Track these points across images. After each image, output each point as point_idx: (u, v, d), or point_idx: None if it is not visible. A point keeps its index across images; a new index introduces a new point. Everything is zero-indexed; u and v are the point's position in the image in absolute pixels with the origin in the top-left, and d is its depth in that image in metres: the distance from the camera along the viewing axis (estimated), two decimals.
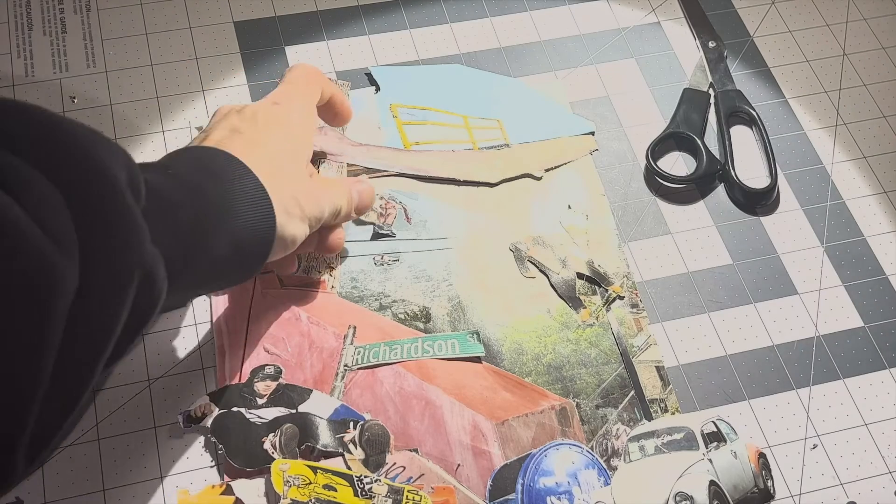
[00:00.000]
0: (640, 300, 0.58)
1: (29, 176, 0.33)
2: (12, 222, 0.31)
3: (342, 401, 0.54)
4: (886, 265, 0.61)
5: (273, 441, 0.52)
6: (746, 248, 0.61)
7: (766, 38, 0.71)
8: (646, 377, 0.56)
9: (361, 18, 0.69)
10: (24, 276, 0.31)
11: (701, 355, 0.57)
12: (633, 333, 0.57)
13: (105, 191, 0.35)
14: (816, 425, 0.55)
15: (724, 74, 0.68)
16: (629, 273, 0.59)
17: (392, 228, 0.60)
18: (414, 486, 0.51)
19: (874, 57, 0.71)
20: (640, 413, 0.55)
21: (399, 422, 0.53)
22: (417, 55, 0.68)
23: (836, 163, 0.66)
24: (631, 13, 0.72)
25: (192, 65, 0.66)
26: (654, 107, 0.67)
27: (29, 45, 0.66)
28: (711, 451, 0.53)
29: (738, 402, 0.56)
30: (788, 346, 0.58)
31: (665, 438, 0.53)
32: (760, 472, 0.53)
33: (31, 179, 0.33)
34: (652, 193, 0.63)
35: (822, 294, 0.60)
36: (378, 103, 0.65)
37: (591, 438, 0.54)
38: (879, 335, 0.59)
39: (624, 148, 0.65)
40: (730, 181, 0.64)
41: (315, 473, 0.50)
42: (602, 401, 0.55)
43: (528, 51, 0.69)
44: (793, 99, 0.68)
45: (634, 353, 0.57)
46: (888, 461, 0.54)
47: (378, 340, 0.56)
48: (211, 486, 0.50)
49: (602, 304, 0.58)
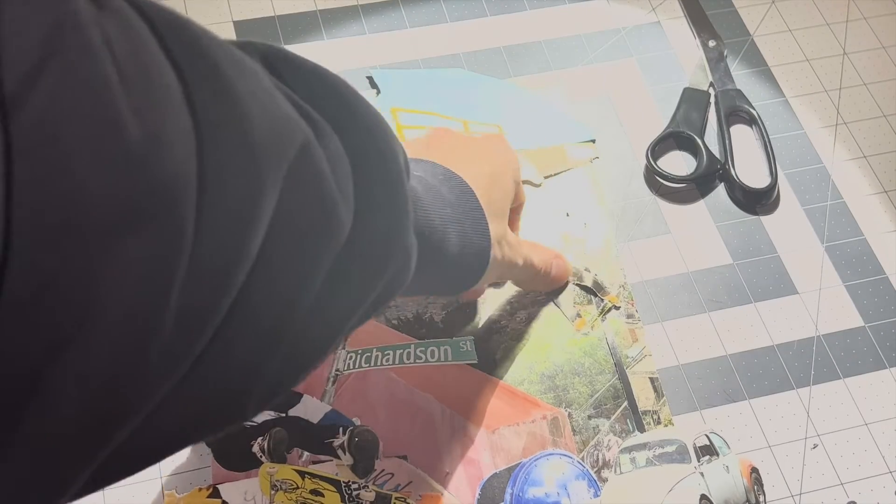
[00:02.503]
0: (636, 310, 0.58)
1: (325, 128, 0.32)
2: (315, 163, 0.30)
3: (333, 405, 0.53)
4: (886, 265, 0.61)
5: (261, 444, 0.51)
6: (746, 248, 0.61)
7: (766, 38, 0.71)
8: (639, 388, 0.56)
9: (361, 18, 0.69)
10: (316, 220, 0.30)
11: (701, 355, 0.57)
12: (628, 344, 0.57)
13: (389, 166, 0.35)
14: (816, 425, 0.55)
15: (724, 74, 0.68)
16: (625, 283, 0.59)
17: None
18: (402, 493, 0.51)
19: (874, 56, 0.71)
20: (633, 424, 0.54)
21: (389, 428, 0.53)
22: (417, 55, 0.68)
23: (836, 162, 0.65)
24: (631, 13, 0.72)
25: None
26: (654, 106, 0.67)
27: None
28: (703, 464, 0.53)
29: (738, 402, 0.56)
30: (788, 346, 0.58)
31: (657, 451, 0.53)
32: (752, 487, 0.52)
33: (327, 132, 0.32)
34: (652, 193, 0.63)
35: (823, 294, 0.60)
36: (378, 107, 0.65)
37: (582, 449, 0.53)
38: (879, 335, 0.59)
39: (624, 148, 0.65)
40: (730, 181, 0.64)
41: (303, 478, 0.50)
42: (594, 411, 0.55)
43: (528, 51, 0.69)
44: (793, 98, 0.68)
45: (628, 364, 0.56)
46: (888, 461, 0.54)
47: (371, 345, 0.55)
48: (198, 488, 0.50)
49: (598, 314, 0.58)
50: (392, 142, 0.36)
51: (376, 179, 0.34)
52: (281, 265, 0.29)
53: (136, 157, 0.22)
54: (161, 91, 0.24)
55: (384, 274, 0.35)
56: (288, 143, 0.29)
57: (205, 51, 0.27)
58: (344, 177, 0.32)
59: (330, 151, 0.31)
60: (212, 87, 0.26)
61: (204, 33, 0.27)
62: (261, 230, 0.27)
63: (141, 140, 0.22)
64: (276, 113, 0.29)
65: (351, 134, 0.33)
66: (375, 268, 0.35)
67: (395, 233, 0.36)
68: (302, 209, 0.29)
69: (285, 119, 0.29)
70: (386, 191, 0.35)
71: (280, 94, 0.30)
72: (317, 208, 0.30)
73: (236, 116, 0.26)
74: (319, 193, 0.30)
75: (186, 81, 0.25)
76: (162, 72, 0.24)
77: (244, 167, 0.26)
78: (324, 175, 0.30)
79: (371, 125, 0.35)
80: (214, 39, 0.28)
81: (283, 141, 0.28)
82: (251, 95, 0.27)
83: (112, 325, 0.23)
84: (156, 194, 0.23)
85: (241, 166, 0.26)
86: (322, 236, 0.31)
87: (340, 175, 0.32)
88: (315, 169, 0.30)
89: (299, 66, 0.34)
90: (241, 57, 0.29)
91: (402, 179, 0.36)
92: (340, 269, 0.32)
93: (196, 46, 0.26)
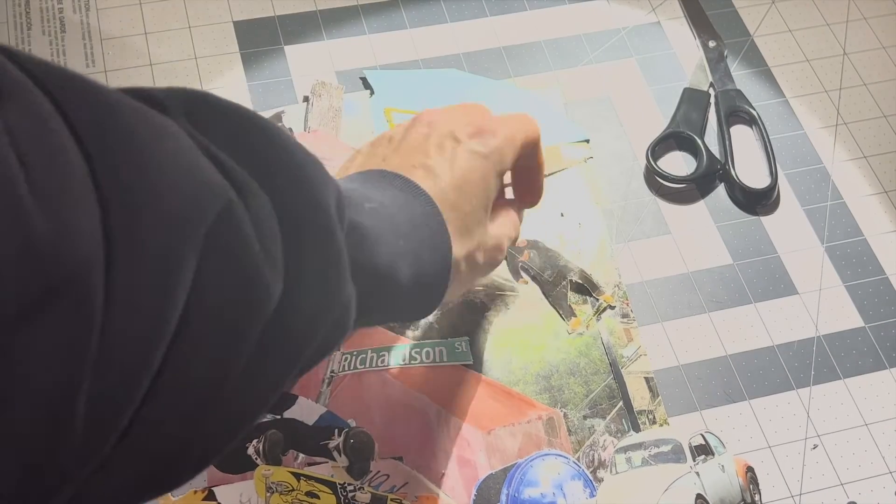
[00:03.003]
0: (631, 310, 0.58)
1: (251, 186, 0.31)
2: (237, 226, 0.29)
3: (328, 407, 0.53)
4: (886, 265, 0.61)
5: (257, 447, 0.51)
6: (746, 248, 0.61)
7: (766, 38, 0.71)
8: (634, 388, 0.55)
9: (361, 18, 0.69)
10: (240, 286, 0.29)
11: (701, 355, 0.57)
12: (623, 343, 0.57)
13: (319, 220, 0.33)
14: (816, 425, 0.55)
15: (724, 74, 0.68)
16: (620, 282, 0.59)
17: None
18: (398, 494, 0.51)
19: (874, 56, 0.71)
20: (628, 424, 0.54)
21: (384, 429, 0.52)
22: (417, 55, 0.68)
23: (836, 162, 0.65)
24: (631, 13, 0.72)
25: (192, 64, 0.66)
26: (654, 107, 0.67)
27: (28, 44, 0.66)
28: (699, 464, 0.52)
29: (738, 402, 0.56)
30: (788, 346, 0.58)
31: (652, 450, 0.53)
32: (748, 486, 0.52)
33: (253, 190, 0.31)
34: (652, 193, 0.63)
35: (823, 294, 0.60)
36: (372, 107, 0.65)
37: (577, 449, 0.53)
38: (879, 335, 0.59)
39: (624, 148, 0.65)
40: (730, 181, 0.63)
41: (298, 480, 0.50)
42: (590, 411, 0.55)
43: (528, 51, 0.69)
44: (793, 98, 0.68)
45: (624, 364, 0.56)
46: (888, 461, 0.54)
47: (366, 346, 0.55)
48: (193, 490, 0.50)
49: (592, 314, 0.58)
50: (323, 191, 0.34)
51: (306, 236, 0.33)
52: (206, 335, 0.28)
53: (41, 248, 0.22)
54: (66, 174, 0.24)
55: (319, 329, 0.34)
56: (205, 210, 0.28)
57: (116, 122, 0.26)
58: (270, 237, 0.31)
59: (254, 212, 0.30)
60: (121, 160, 0.26)
61: (118, 101, 0.27)
62: (178, 302, 0.26)
63: (45, 230, 0.22)
64: (194, 178, 0.28)
65: (279, 187, 0.32)
66: (309, 325, 0.33)
67: (329, 287, 0.34)
68: (224, 278, 0.28)
69: (204, 184, 0.28)
70: (317, 245, 0.33)
71: (201, 155, 0.29)
72: (240, 275, 0.29)
73: (147, 188, 0.26)
74: (243, 260, 0.29)
75: (93, 158, 0.25)
76: (67, 153, 0.24)
77: (157, 240, 0.26)
78: (247, 240, 0.29)
79: (300, 174, 0.33)
80: (129, 106, 0.28)
81: (201, 208, 0.27)
82: (166, 162, 0.27)
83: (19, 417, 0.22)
84: (62, 281, 0.23)
85: (153, 239, 0.26)
86: (248, 304, 0.30)
87: (266, 236, 0.30)
88: (237, 234, 0.29)
89: (224, 114, 0.33)
90: (158, 121, 0.29)
91: (334, 231, 0.34)
92: (273, 330, 0.31)
93: (106, 119, 0.26)
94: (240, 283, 0.29)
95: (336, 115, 0.64)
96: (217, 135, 0.31)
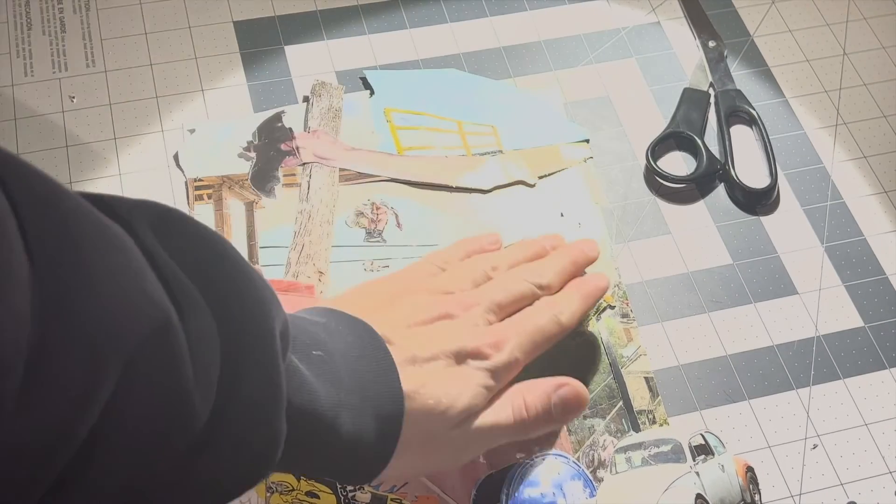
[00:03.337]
0: (631, 310, 0.58)
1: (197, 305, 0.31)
2: (169, 348, 0.30)
3: None
4: (886, 265, 0.61)
5: None
6: (746, 248, 0.61)
7: (766, 38, 0.71)
8: (634, 388, 0.55)
9: (361, 18, 0.69)
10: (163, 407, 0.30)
11: (701, 355, 0.57)
12: (623, 343, 0.57)
13: (266, 352, 0.34)
14: (816, 425, 0.55)
15: (724, 74, 0.68)
16: (620, 282, 0.59)
17: (383, 235, 0.60)
18: (397, 494, 0.50)
19: (874, 56, 0.71)
20: (628, 424, 0.54)
21: None
22: (417, 55, 0.68)
23: (836, 163, 0.65)
24: (631, 13, 0.72)
25: (192, 64, 0.66)
26: (654, 107, 0.67)
27: (28, 44, 0.66)
28: (699, 463, 0.52)
29: (738, 402, 0.56)
30: (788, 346, 0.58)
31: (652, 450, 0.53)
32: (748, 486, 0.52)
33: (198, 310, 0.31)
34: (652, 193, 0.63)
35: (822, 294, 0.60)
36: (372, 107, 0.65)
37: (577, 449, 0.53)
38: (879, 335, 0.59)
39: (624, 148, 0.65)
40: (730, 181, 0.64)
41: (298, 480, 0.50)
42: (590, 411, 0.54)
43: (528, 51, 0.69)
44: (793, 98, 0.68)
45: (624, 364, 0.56)
46: (888, 461, 0.54)
47: None
48: None
49: (592, 314, 0.58)
50: (271, 323, 0.34)
51: (248, 360, 0.33)
52: (123, 448, 0.29)
53: None
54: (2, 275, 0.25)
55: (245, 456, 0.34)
56: (138, 327, 0.29)
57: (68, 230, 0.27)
58: (207, 358, 0.31)
59: (193, 335, 0.31)
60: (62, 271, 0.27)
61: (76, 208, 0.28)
62: (91, 412, 0.27)
63: None
64: (130, 298, 0.29)
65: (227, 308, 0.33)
66: (235, 451, 0.33)
67: (261, 416, 0.34)
68: (147, 397, 0.29)
69: (142, 302, 0.29)
70: (258, 372, 0.34)
71: (149, 272, 0.30)
72: (165, 396, 0.30)
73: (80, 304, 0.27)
74: (170, 382, 0.30)
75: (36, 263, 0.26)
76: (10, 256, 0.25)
77: (79, 351, 0.27)
78: (179, 360, 0.30)
79: (251, 301, 0.34)
80: (89, 215, 0.29)
81: (133, 324, 0.28)
82: (107, 278, 0.28)
83: None
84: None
85: (75, 350, 0.27)
86: (170, 423, 0.30)
87: (203, 356, 0.31)
88: (169, 353, 0.30)
89: (185, 233, 0.33)
90: (112, 233, 0.29)
91: (277, 363, 0.34)
92: (198, 452, 0.31)
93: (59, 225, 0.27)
94: (165, 404, 0.30)
95: (336, 115, 0.64)
96: (176, 249, 0.32)
